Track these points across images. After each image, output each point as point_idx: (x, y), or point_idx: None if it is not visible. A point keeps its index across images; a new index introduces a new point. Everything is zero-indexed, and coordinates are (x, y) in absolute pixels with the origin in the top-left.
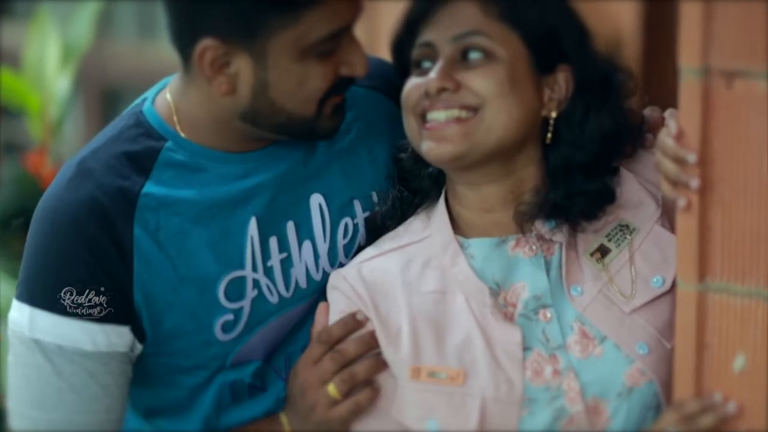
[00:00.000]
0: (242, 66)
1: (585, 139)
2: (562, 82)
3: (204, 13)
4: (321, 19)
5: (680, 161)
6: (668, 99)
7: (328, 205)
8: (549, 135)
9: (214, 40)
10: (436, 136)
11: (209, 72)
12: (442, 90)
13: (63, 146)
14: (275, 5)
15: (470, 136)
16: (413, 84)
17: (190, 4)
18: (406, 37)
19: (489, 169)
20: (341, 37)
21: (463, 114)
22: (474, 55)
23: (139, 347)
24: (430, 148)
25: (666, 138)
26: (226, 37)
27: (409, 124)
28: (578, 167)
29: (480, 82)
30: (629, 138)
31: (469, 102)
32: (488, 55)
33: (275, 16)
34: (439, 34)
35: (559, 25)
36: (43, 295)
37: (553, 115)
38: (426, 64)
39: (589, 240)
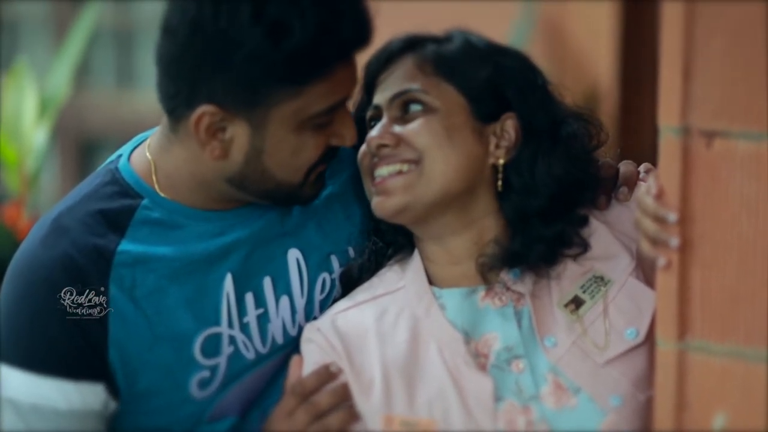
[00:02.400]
0: (238, 133)
1: (537, 185)
2: (510, 129)
3: (207, 81)
4: (324, 92)
5: (660, 220)
6: (644, 152)
7: (305, 261)
8: (499, 183)
9: (213, 106)
10: (381, 190)
11: (204, 137)
12: (381, 146)
13: (39, 198)
14: (283, 78)
15: (411, 188)
16: (363, 147)
17: (193, 71)
18: (365, 104)
19: (445, 221)
20: (336, 109)
21: (405, 168)
22: (414, 108)
23: (113, 405)
24: (377, 203)
25: (646, 197)
26: (226, 104)
27: (366, 184)
28: (535, 214)
29: (416, 136)
30: (593, 186)
31: (408, 156)
32: (426, 108)
33: (281, 89)
34: (382, 95)
35: (498, 76)
36: (16, 353)
37: (501, 162)
38: (377, 125)
39: (563, 291)
